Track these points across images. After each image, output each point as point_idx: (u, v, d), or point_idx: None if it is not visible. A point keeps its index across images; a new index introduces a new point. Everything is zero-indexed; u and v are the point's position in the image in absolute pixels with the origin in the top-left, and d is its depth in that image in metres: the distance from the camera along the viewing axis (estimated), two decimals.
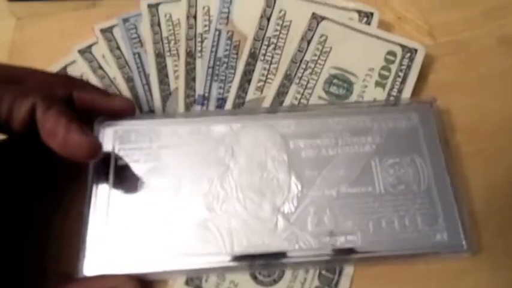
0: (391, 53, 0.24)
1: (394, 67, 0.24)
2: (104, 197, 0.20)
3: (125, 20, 0.28)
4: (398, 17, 0.28)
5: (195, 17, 0.27)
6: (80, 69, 0.26)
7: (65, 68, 0.27)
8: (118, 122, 0.22)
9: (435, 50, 0.27)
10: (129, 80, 0.26)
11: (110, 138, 0.21)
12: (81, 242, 0.20)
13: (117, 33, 0.27)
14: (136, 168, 0.21)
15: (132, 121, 0.22)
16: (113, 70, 0.26)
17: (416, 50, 0.24)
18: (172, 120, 0.22)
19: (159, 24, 0.28)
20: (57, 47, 0.27)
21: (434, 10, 0.29)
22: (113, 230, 0.20)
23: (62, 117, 0.19)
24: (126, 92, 0.26)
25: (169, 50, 0.27)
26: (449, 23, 0.28)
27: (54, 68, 0.26)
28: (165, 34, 0.27)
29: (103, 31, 0.27)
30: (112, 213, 0.20)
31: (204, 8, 0.27)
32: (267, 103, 0.24)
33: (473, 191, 0.22)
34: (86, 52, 0.27)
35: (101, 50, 0.27)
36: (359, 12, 0.25)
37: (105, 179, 0.21)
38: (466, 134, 0.24)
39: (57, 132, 0.18)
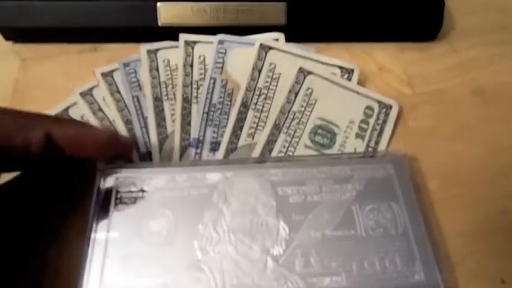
0: (369, 107, 0.27)
1: (371, 121, 0.27)
2: (102, 239, 0.22)
3: (125, 65, 0.30)
4: (379, 68, 0.31)
5: (191, 66, 0.29)
6: (81, 111, 0.28)
7: (66, 109, 0.28)
8: (119, 170, 0.23)
9: (414, 99, 0.29)
10: (127, 122, 0.28)
11: (111, 184, 0.23)
12: (79, 281, 0.21)
13: (118, 77, 0.29)
14: (135, 211, 0.23)
15: (131, 169, 0.24)
16: (112, 113, 0.28)
17: (391, 106, 0.27)
18: (169, 168, 0.24)
19: (157, 69, 0.30)
20: (60, 89, 0.29)
21: (413, 62, 0.32)
22: (110, 270, 0.21)
23: (80, 126, 0.21)
24: (124, 133, 0.27)
25: (167, 94, 0.29)
26: (427, 74, 0.31)
27: (56, 109, 0.28)
28: (163, 79, 0.29)
29: (104, 75, 0.29)
30: (109, 254, 0.21)
31: (200, 57, 0.30)
32: (257, 150, 0.26)
33: (449, 235, 0.24)
34: (87, 94, 0.29)
35: (102, 93, 0.29)
36: (341, 68, 0.28)
37: (105, 221, 0.22)
38: (443, 180, 0.26)
39: (85, 139, 0.20)
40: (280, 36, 0.30)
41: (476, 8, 0.35)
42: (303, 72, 0.28)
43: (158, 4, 0.29)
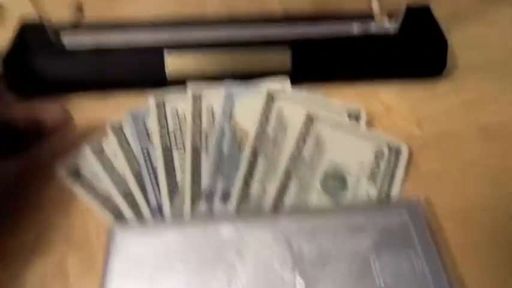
0: (379, 151, 0.27)
1: (382, 165, 0.26)
2: None
3: (134, 115, 0.30)
4: (387, 108, 0.31)
5: (200, 115, 0.30)
6: (91, 165, 0.28)
7: (75, 161, 0.28)
8: (130, 228, 0.23)
9: (422, 140, 0.29)
10: (137, 175, 0.28)
11: (126, 239, 0.22)
12: None
13: (127, 127, 0.30)
14: (147, 269, 0.22)
15: (143, 226, 0.23)
16: (122, 165, 0.28)
17: (401, 149, 0.27)
18: (180, 224, 0.24)
19: (166, 118, 0.30)
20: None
21: (419, 101, 0.32)
22: None
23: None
24: (134, 186, 0.27)
25: (176, 144, 0.29)
26: (433, 113, 0.31)
27: (66, 160, 0.28)
28: (171, 128, 0.30)
29: (113, 127, 0.30)
30: None
31: (208, 107, 0.30)
32: (269, 198, 0.26)
33: (469, 279, 0.24)
34: (96, 147, 0.29)
35: (111, 145, 0.29)
36: (348, 112, 0.29)
37: (116, 281, 0.22)
38: (458, 222, 0.26)
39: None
40: (286, 82, 0.30)
41: (478, 45, 0.36)
42: (311, 119, 0.28)
43: (165, 53, 0.30)
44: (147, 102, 0.30)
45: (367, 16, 0.34)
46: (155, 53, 0.31)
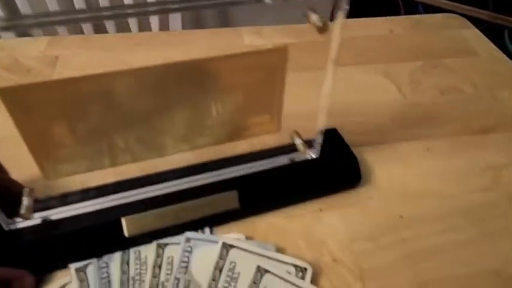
0: None
1: None
2: None
3: (99, 259, 0.31)
4: (334, 259, 0.33)
5: (160, 267, 0.32)
6: None
7: None
8: None
9: None
10: None
11: None
12: None
13: (90, 272, 0.31)
14: None
15: None
16: None
17: None
18: None
19: (128, 263, 0.32)
20: None
21: (365, 253, 0.33)
22: None
23: None
24: None
25: None
26: (378, 266, 0.32)
27: None
28: (132, 274, 0.31)
29: (77, 270, 0.31)
30: None
31: (168, 257, 0.32)
32: None
33: None
34: None
35: None
36: (295, 266, 0.32)
37: None
38: None
39: None
40: (241, 235, 0.33)
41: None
42: (260, 271, 0.31)
43: (122, 219, 0.31)
44: None
45: (293, 148, 0.38)
46: (111, 217, 0.31)
